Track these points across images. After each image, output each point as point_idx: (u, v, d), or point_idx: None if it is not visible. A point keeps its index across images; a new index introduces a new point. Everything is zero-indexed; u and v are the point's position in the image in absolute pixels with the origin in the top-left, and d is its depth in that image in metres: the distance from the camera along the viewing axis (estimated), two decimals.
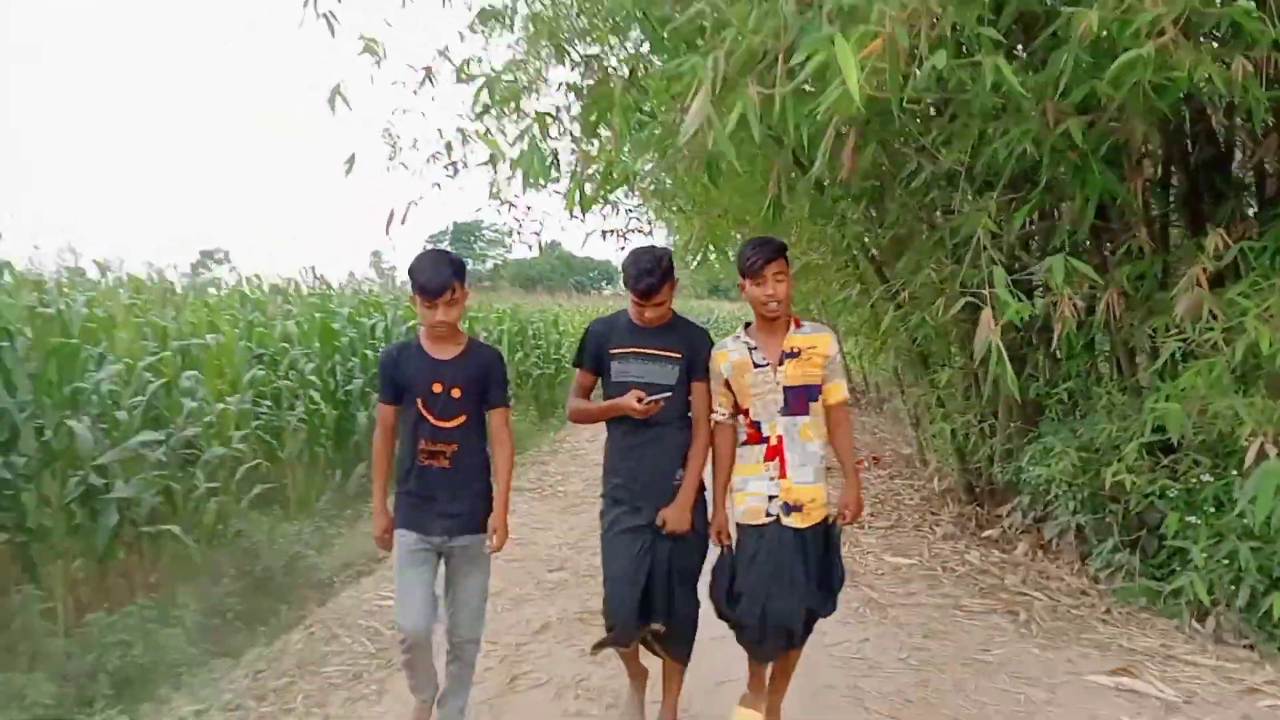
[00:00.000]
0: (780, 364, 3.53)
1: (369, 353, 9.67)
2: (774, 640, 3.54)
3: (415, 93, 5.93)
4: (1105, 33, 3.40)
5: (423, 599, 3.58)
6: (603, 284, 65.84)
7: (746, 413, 3.59)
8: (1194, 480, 4.81)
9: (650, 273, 3.49)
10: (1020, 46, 4.89)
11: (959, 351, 6.92)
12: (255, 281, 11.18)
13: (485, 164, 5.28)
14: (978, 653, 4.76)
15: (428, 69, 5.88)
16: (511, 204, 7.76)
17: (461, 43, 9.79)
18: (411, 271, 3.51)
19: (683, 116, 3.39)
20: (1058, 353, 5.92)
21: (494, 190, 6.12)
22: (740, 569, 3.53)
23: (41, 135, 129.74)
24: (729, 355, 3.61)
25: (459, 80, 5.76)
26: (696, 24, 3.92)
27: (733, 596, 3.54)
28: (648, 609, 3.62)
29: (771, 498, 3.51)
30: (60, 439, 5.29)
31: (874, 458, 10.35)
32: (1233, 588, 4.56)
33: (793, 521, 3.48)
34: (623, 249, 9.81)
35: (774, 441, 3.53)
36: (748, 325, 3.69)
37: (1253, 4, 3.48)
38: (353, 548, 7.23)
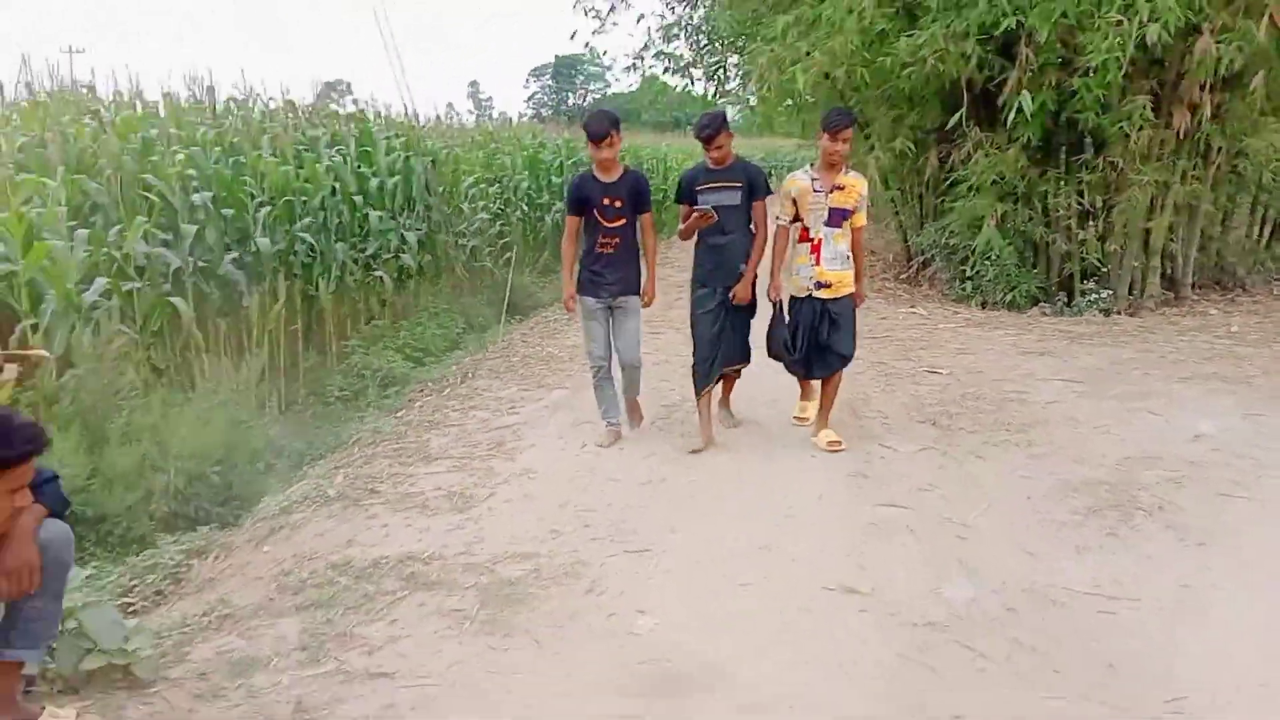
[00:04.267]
0: (830, 193, 4.97)
1: (555, 178, 15.35)
2: (812, 368, 5.21)
3: None
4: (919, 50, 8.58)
5: (603, 340, 5.21)
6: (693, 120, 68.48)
7: (802, 220, 5.06)
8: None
9: (708, 126, 5.00)
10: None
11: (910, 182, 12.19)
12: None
13: None
14: (881, 320, 10.28)
15: None
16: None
17: None
18: (585, 124, 5.15)
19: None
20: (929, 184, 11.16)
21: None
22: (798, 322, 5.13)
23: None
24: (798, 181, 5.06)
25: None
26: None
27: (788, 343, 5.13)
28: (723, 360, 5.22)
29: (810, 278, 5.05)
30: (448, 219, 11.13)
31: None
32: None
33: (822, 295, 5.05)
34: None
35: (816, 241, 5.02)
36: (812, 164, 5.18)
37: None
38: (548, 293, 12.95)
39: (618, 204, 5.04)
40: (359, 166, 9.62)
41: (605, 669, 2.94)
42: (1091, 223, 9.19)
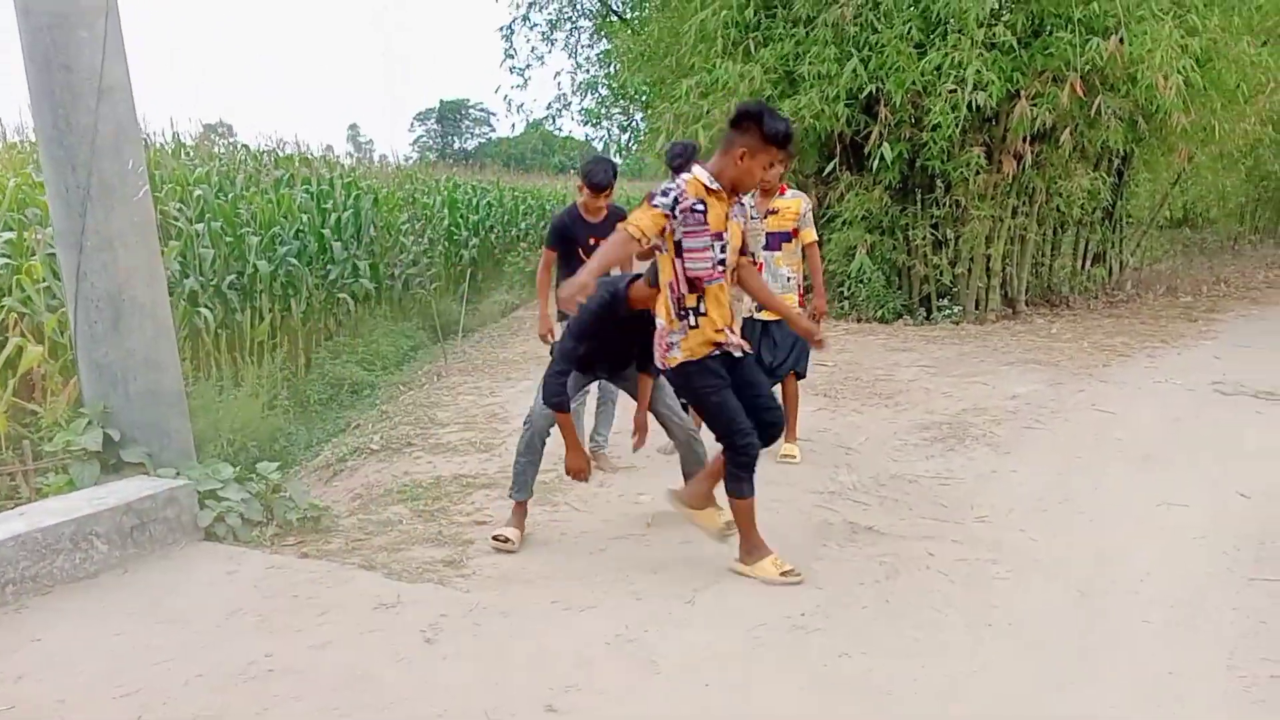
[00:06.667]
0: (765, 218, 5.35)
1: (474, 215, 16.81)
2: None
3: None
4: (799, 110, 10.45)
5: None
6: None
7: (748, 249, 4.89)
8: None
9: (680, 155, 4.41)
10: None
11: None
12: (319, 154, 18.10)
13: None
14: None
15: None
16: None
17: None
18: (586, 173, 5.20)
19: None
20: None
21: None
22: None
23: None
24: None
25: None
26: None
27: None
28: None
29: (753, 301, 5.09)
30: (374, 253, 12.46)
31: None
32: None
33: (763, 316, 5.35)
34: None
35: (758, 266, 4.75)
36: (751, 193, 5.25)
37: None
38: (472, 318, 14.44)
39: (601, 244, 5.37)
40: (324, 202, 10.92)
41: (619, 520, 4.46)
42: (943, 250, 11.20)
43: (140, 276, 4.22)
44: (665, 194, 3.60)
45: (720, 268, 3.69)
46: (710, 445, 4.03)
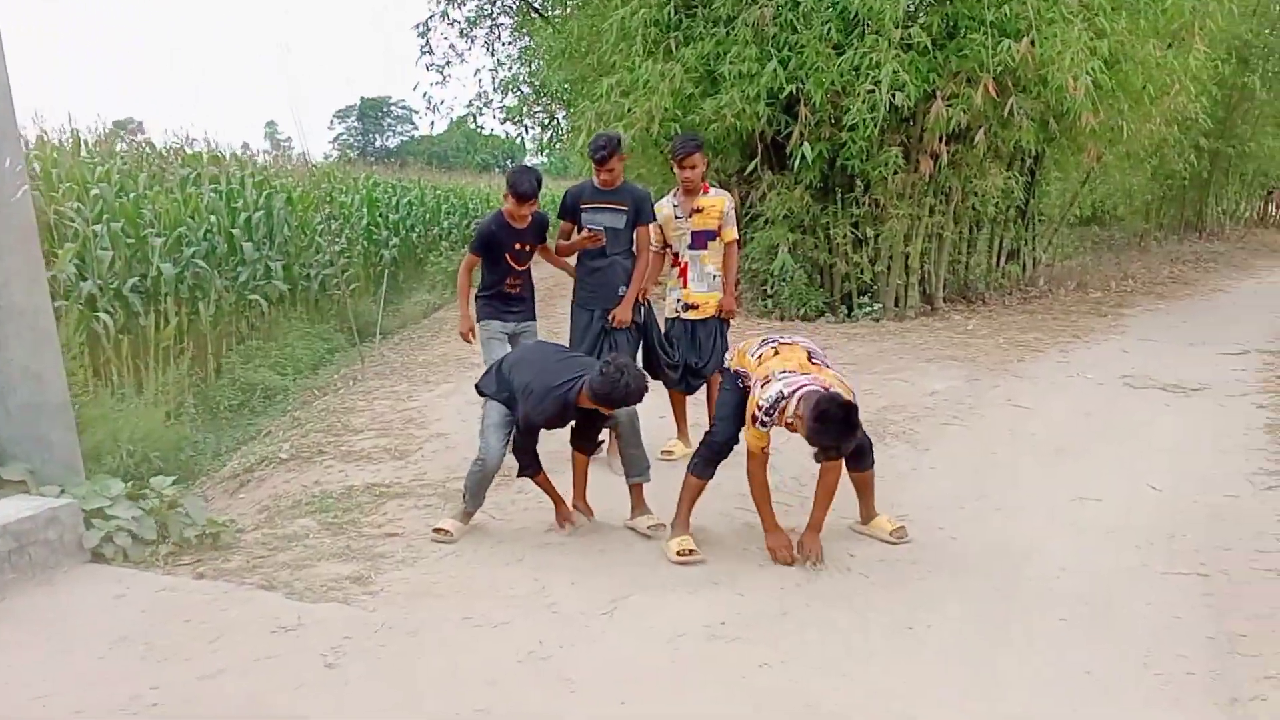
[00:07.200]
0: (690, 216, 5.31)
1: (394, 214, 16.48)
2: (684, 380, 5.46)
3: None
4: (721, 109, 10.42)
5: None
6: (508, 163, 70.40)
7: (671, 246, 5.42)
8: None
9: (603, 147, 5.07)
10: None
11: None
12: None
13: None
14: None
15: None
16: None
17: None
18: (512, 182, 5.13)
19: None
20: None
21: None
22: (671, 341, 5.44)
23: None
24: (663, 209, 5.36)
25: None
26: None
27: (669, 356, 5.40)
28: None
29: (679, 299, 5.39)
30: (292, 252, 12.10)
31: None
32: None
33: (689, 316, 5.38)
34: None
35: (683, 265, 5.36)
36: (676, 190, 5.45)
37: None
38: (391, 319, 14.14)
39: (528, 249, 5.32)
40: (233, 202, 10.55)
41: (537, 528, 4.33)
42: (863, 249, 11.28)
43: (19, 282, 3.95)
44: None
45: None
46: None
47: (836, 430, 3.59)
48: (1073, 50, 9.31)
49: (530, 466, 4.23)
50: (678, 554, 3.92)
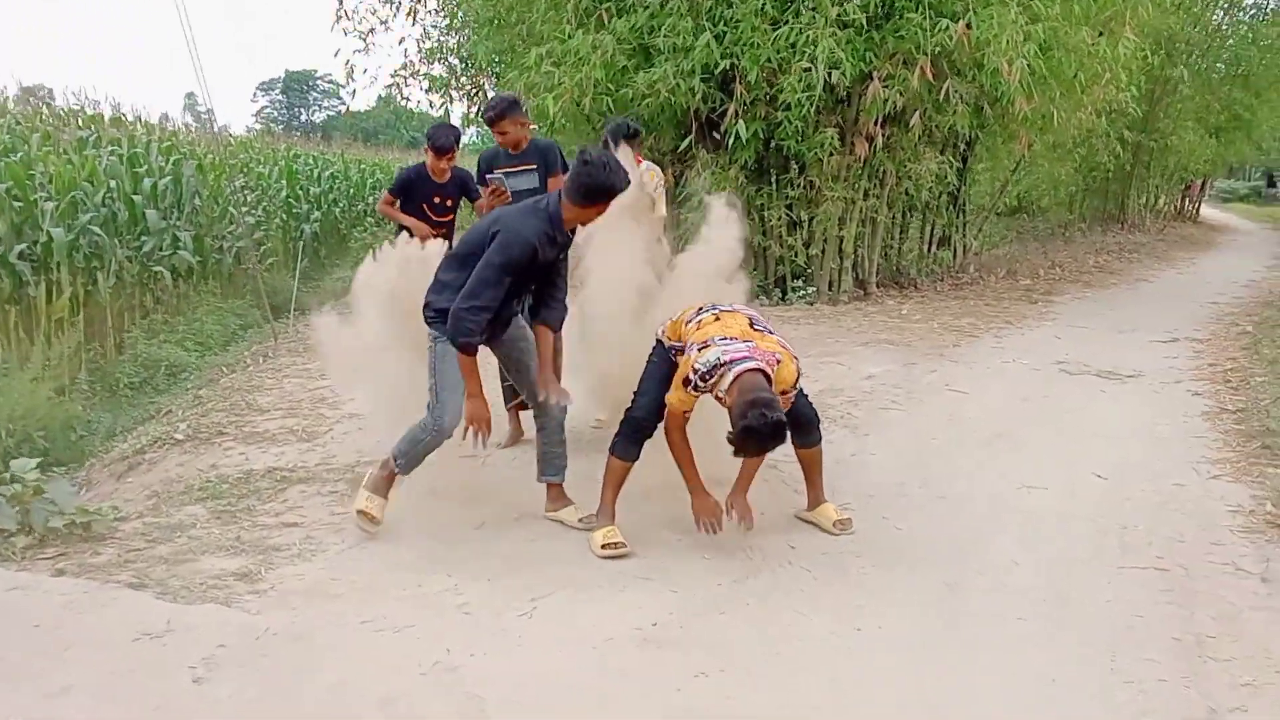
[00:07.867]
0: None
1: (315, 188, 15.80)
2: None
3: None
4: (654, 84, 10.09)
5: None
6: None
7: None
8: None
9: (492, 109, 4.95)
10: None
11: None
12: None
13: None
14: None
15: None
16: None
17: None
18: (431, 136, 5.67)
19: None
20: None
21: None
22: None
23: None
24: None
25: None
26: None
27: None
28: None
29: None
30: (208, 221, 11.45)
31: None
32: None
33: None
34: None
35: None
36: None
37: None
38: (322, 292, 13.56)
39: (448, 202, 5.79)
40: (136, 166, 9.90)
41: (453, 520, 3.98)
42: (798, 232, 11.10)
43: None
44: None
45: None
46: None
47: (760, 443, 3.33)
48: (1008, 33, 9.19)
49: (469, 336, 3.46)
50: (603, 546, 3.61)
